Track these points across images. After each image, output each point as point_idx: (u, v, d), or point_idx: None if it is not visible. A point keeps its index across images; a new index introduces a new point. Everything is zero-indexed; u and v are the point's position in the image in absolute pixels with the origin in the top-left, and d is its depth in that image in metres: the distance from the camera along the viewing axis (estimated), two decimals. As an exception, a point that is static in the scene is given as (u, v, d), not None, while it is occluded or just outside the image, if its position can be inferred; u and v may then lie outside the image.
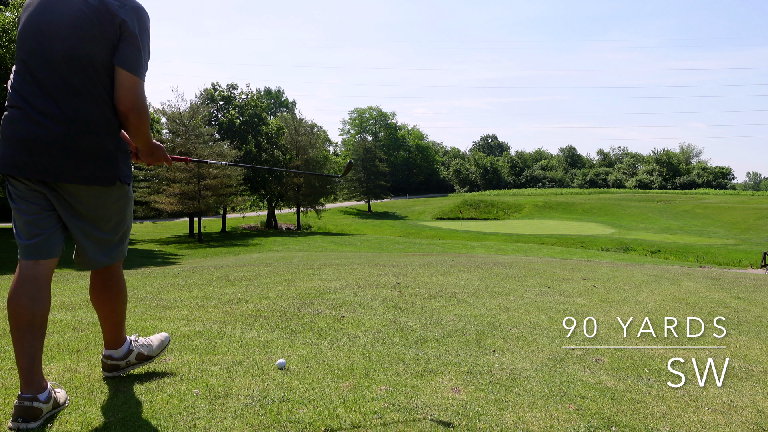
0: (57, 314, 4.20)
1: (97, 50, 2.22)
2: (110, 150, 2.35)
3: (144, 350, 2.85)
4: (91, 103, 2.25)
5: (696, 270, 11.06)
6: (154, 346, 2.91)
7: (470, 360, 3.23)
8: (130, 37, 2.24)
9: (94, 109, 2.26)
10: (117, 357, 2.75)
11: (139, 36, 2.27)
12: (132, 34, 2.24)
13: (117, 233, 2.56)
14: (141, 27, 2.29)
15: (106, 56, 2.23)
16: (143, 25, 2.31)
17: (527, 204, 71.62)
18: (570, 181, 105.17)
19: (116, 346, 2.76)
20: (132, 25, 2.24)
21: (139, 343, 2.88)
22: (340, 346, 3.43)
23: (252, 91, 57.65)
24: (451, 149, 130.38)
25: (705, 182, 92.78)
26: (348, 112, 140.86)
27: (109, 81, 2.27)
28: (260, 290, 5.70)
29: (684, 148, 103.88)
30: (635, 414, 2.52)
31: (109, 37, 2.22)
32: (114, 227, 2.53)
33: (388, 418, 2.35)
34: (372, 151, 79.32)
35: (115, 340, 2.75)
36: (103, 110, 2.28)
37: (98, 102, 2.26)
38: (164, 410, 2.39)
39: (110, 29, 2.22)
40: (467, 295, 5.62)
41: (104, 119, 2.30)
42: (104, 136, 2.31)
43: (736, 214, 58.39)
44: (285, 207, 62.31)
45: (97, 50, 2.22)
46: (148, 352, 2.87)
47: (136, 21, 2.26)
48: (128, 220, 2.62)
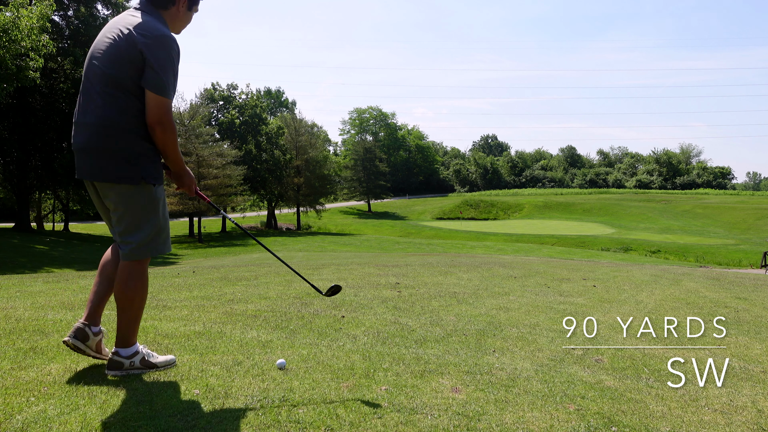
0: (57, 314, 4.20)
1: (124, 71, 2.62)
2: (133, 153, 2.68)
3: (150, 359, 2.90)
4: (117, 113, 2.63)
5: (696, 270, 11.06)
6: (159, 360, 2.94)
7: (470, 360, 3.23)
8: (149, 63, 2.60)
9: (119, 118, 2.63)
10: (123, 355, 2.83)
11: (156, 62, 2.60)
12: (150, 61, 2.60)
13: (129, 230, 2.77)
14: (159, 54, 2.61)
15: (133, 76, 2.62)
16: (161, 52, 2.62)
17: (527, 204, 71.62)
18: (570, 181, 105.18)
19: (122, 344, 2.85)
20: (149, 53, 2.60)
21: (148, 351, 2.95)
22: (340, 346, 3.43)
23: (252, 91, 57.73)
24: (451, 149, 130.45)
25: (705, 182, 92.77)
26: (348, 112, 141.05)
27: (135, 96, 2.64)
28: (260, 290, 5.70)
29: (684, 148, 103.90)
30: (635, 414, 2.52)
31: (133, 62, 2.61)
32: (127, 225, 2.77)
33: (388, 418, 2.35)
34: (372, 151, 79.30)
35: (121, 338, 2.85)
36: (128, 120, 2.65)
37: (123, 112, 2.63)
38: (164, 410, 2.39)
39: (134, 55, 2.61)
40: (467, 295, 5.62)
41: (128, 127, 2.65)
42: (127, 141, 2.66)
43: (736, 214, 58.40)
44: (285, 207, 62.33)
45: (124, 71, 2.62)
46: (154, 361, 2.91)
47: (154, 49, 2.61)
48: (143, 220, 2.78)
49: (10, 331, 3.61)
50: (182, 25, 2.91)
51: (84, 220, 59.13)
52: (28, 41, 17.19)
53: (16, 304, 4.62)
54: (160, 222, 2.83)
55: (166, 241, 2.88)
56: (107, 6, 34.93)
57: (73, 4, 33.64)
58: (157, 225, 2.81)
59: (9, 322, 3.89)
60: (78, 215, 55.40)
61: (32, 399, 2.46)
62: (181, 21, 2.89)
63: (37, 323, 3.85)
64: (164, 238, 2.86)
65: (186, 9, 2.87)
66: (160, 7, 2.79)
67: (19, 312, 4.26)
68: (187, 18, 2.91)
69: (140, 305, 2.86)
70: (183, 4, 2.83)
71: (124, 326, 2.83)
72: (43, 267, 18.49)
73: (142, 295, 2.85)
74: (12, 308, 4.43)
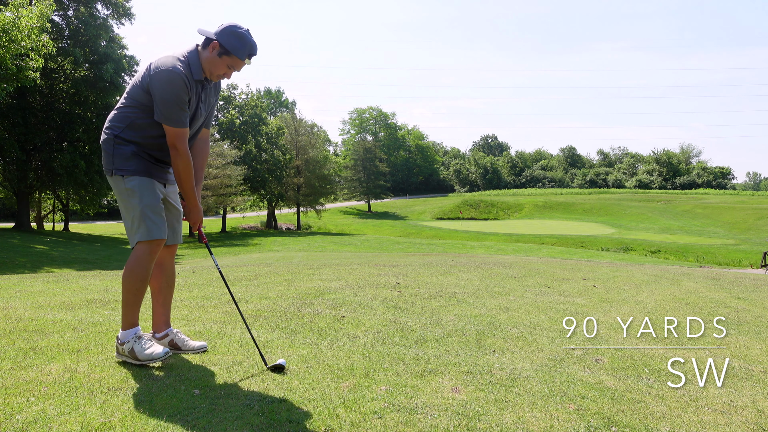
0: (57, 314, 4.20)
1: (139, 95, 3.00)
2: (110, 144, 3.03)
3: (136, 350, 2.98)
4: (117, 116, 3.06)
5: (696, 270, 11.06)
6: (144, 353, 2.98)
7: (470, 360, 3.23)
8: (153, 96, 2.96)
9: (117, 119, 3.05)
10: (120, 338, 3.04)
11: (157, 95, 2.93)
12: (154, 94, 2.95)
13: (125, 219, 3.07)
14: (159, 88, 2.92)
15: (144, 100, 2.99)
16: (160, 86, 2.91)
17: (527, 204, 71.59)
18: (570, 181, 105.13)
19: (122, 326, 3.05)
20: (152, 88, 2.94)
21: (141, 343, 3.01)
22: (340, 346, 3.43)
23: (252, 91, 57.65)
24: (451, 149, 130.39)
25: (705, 182, 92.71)
26: (348, 112, 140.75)
27: (140, 111, 3.01)
28: (260, 290, 5.70)
29: (684, 148, 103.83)
30: (635, 414, 2.52)
31: (147, 91, 2.97)
32: (123, 214, 3.08)
33: (388, 418, 2.35)
34: (372, 151, 79.30)
35: (122, 319, 3.07)
36: (121, 122, 3.03)
37: (121, 118, 3.04)
38: (164, 410, 2.39)
39: (146, 86, 2.98)
40: (467, 295, 5.62)
41: (117, 125, 3.03)
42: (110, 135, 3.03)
43: (736, 214, 58.37)
44: (285, 207, 62.30)
45: (139, 94, 3.00)
46: (139, 356, 2.97)
47: (157, 83, 2.92)
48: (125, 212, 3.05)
49: (10, 331, 3.62)
50: (214, 69, 3.05)
51: (84, 220, 59.17)
52: (28, 41, 17.17)
53: (16, 304, 4.62)
54: (129, 215, 3.03)
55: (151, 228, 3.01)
56: (107, 6, 34.94)
57: (73, 4, 33.63)
58: (131, 218, 3.02)
59: (9, 322, 3.89)
60: (78, 215, 55.46)
61: (32, 399, 2.46)
62: (212, 65, 3.03)
63: (37, 323, 3.85)
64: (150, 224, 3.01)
65: (216, 55, 3.01)
66: (203, 46, 3.06)
67: (19, 312, 4.26)
68: (216, 64, 3.03)
69: (130, 291, 3.01)
70: (214, 49, 3.00)
71: (122, 308, 3.07)
72: (43, 267, 18.49)
73: (132, 282, 3.01)
74: (12, 308, 4.43)
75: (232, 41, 2.96)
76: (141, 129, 3.02)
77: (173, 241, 3.30)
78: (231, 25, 2.99)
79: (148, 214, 2.99)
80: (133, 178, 3.00)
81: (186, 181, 3.08)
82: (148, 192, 3.02)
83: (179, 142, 2.98)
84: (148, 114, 3.00)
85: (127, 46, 35.70)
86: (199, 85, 3.07)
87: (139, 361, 2.96)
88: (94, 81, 32.68)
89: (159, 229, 3.02)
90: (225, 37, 2.96)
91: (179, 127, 2.96)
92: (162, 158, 3.13)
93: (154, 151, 3.09)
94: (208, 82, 3.13)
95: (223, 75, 3.08)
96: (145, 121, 3.01)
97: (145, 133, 3.03)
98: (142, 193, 3.01)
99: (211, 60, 3.02)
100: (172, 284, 3.35)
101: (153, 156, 3.09)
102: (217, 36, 2.98)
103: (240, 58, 2.99)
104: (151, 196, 3.03)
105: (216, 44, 2.98)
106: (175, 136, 2.97)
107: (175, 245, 3.34)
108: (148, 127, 3.02)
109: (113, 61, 32.33)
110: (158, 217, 3.03)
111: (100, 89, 32.82)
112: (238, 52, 2.98)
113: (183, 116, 2.97)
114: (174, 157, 3.01)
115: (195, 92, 3.04)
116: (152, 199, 3.02)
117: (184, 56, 3.00)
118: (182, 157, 3.01)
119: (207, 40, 3.02)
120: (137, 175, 3.01)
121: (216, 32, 2.99)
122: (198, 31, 3.04)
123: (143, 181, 3.02)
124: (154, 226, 3.00)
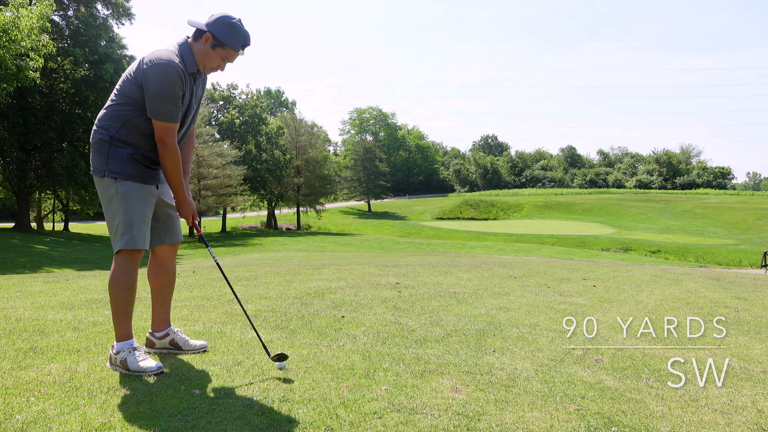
0: (57, 314, 4.20)
1: (133, 91, 2.91)
2: (105, 145, 2.93)
3: (129, 361, 2.87)
4: (110, 115, 2.95)
5: (696, 270, 11.06)
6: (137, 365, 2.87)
7: (470, 360, 3.22)
8: (145, 90, 2.88)
9: (110, 117, 2.95)
10: (114, 348, 2.95)
11: (151, 89, 2.85)
12: (146, 88, 2.87)
13: (109, 223, 3.01)
14: (153, 81, 2.84)
15: (138, 96, 2.90)
16: (154, 80, 2.83)
17: (527, 204, 71.59)
18: (570, 181, 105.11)
19: (116, 338, 2.97)
20: (146, 81, 2.86)
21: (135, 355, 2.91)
22: (340, 346, 3.43)
23: (252, 91, 57.74)
24: (451, 149, 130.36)
25: (705, 182, 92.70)
26: (348, 112, 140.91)
27: (134, 108, 2.92)
28: (260, 290, 5.70)
29: (684, 148, 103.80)
30: (635, 414, 2.52)
31: (140, 85, 2.89)
32: (108, 217, 3.01)
33: (388, 418, 2.35)
34: (372, 151, 79.29)
35: (116, 332, 2.98)
36: (116, 121, 2.93)
37: (115, 116, 2.94)
38: (164, 410, 2.39)
39: (139, 81, 2.89)
40: (467, 295, 5.61)
41: (112, 124, 2.94)
42: (105, 135, 2.94)
43: (736, 214, 58.37)
44: (285, 207, 62.31)
45: (132, 90, 2.91)
46: (131, 367, 2.86)
47: (151, 77, 2.85)
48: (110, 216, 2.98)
49: (10, 331, 3.62)
50: (208, 61, 2.99)
51: (84, 220, 59.15)
52: (28, 41, 17.17)
53: (16, 304, 4.62)
54: (115, 219, 2.96)
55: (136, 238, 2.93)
56: (107, 6, 34.94)
57: (73, 4, 33.64)
58: (116, 222, 2.95)
59: (9, 322, 3.89)
60: (78, 215, 55.47)
61: (32, 399, 2.46)
62: (205, 57, 2.98)
63: (37, 323, 3.85)
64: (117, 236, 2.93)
65: (209, 47, 2.94)
66: (195, 38, 2.98)
67: (19, 312, 4.26)
68: (210, 56, 2.96)
69: (119, 301, 2.93)
70: (207, 41, 2.93)
71: (113, 320, 3.00)
72: (43, 267, 18.48)
73: (118, 292, 2.92)
74: (12, 308, 4.43)
75: (226, 32, 2.89)
76: (137, 127, 2.94)
77: (174, 239, 3.25)
78: (224, 16, 2.91)
79: (135, 221, 2.93)
80: (126, 183, 2.93)
81: (174, 175, 3.00)
82: (138, 199, 2.95)
83: (168, 137, 2.91)
84: (142, 111, 2.92)
85: (127, 46, 35.74)
86: (192, 79, 3.00)
87: (130, 372, 2.86)
88: (94, 81, 32.69)
89: (144, 239, 2.96)
90: (218, 29, 2.88)
91: (169, 122, 2.90)
92: (156, 159, 3.05)
93: (149, 151, 3.00)
94: (199, 74, 3.06)
95: (216, 67, 3.01)
96: (140, 119, 2.93)
97: (141, 131, 2.95)
98: (133, 199, 2.94)
99: (204, 52, 2.94)
100: (173, 284, 3.32)
101: (148, 158, 3.01)
102: (210, 27, 2.89)
103: (234, 49, 2.93)
104: (141, 203, 2.96)
105: (209, 36, 2.90)
106: (164, 131, 2.90)
107: (177, 243, 3.28)
108: (144, 126, 2.94)
109: (113, 61, 32.34)
110: (145, 226, 2.97)
111: (100, 89, 32.81)
112: (232, 43, 2.91)
113: (175, 111, 2.90)
114: (162, 152, 2.93)
115: (189, 86, 2.98)
116: (142, 207, 2.96)
117: (176, 49, 2.92)
118: (170, 151, 2.94)
119: (199, 31, 2.93)
120: (131, 180, 2.94)
121: (208, 23, 2.90)
122: (188, 22, 2.96)
123: (135, 186, 2.96)
124: (139, 235, 2.93)
